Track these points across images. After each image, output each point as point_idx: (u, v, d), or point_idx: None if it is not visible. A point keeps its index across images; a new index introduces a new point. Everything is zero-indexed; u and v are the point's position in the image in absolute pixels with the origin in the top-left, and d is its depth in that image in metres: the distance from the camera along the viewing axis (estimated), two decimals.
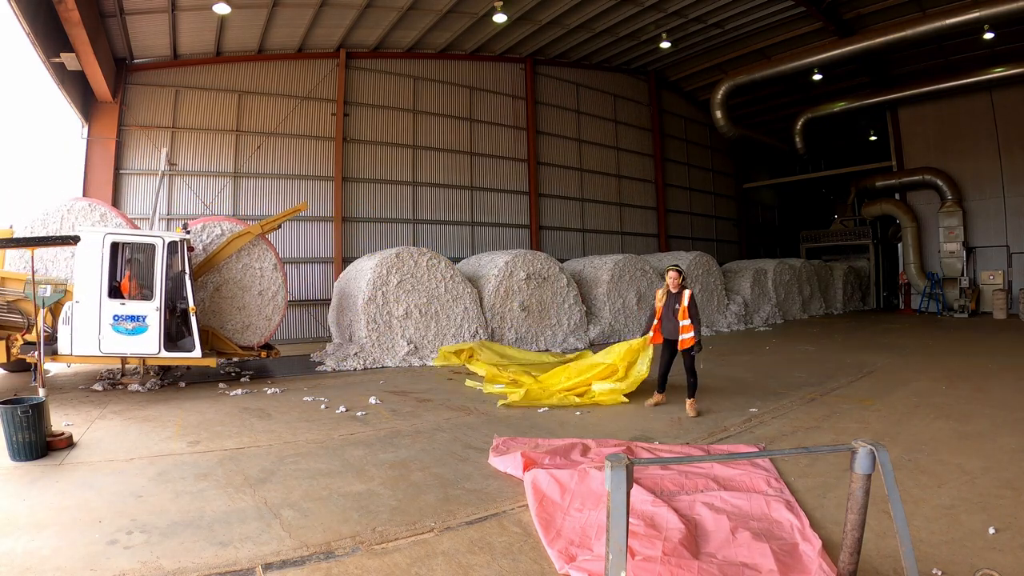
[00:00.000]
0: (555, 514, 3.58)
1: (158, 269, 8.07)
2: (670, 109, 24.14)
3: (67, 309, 7.85)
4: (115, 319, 7.81)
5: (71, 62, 10.49)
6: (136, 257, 8.36)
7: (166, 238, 8.20)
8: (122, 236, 8.20)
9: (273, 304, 10.14)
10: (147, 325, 7.95)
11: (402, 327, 10.98)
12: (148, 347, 7.98)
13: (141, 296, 8.08)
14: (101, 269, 7.77)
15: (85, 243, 7.66)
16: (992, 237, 20.60)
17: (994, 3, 14.45)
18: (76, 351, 7.74)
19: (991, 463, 4.59)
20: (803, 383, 8.30)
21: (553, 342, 12.87)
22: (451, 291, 11.56)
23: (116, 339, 7.85)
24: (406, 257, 11.23)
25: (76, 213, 9.36)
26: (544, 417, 6.53)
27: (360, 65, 16.17)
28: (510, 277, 12.42)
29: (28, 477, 4.50)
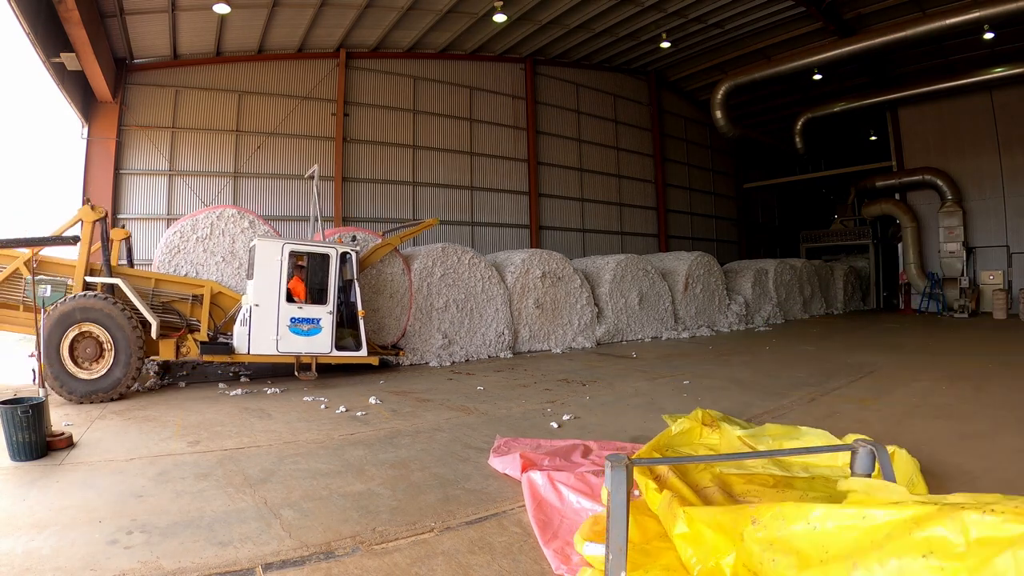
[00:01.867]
0: (552, 515, 3.59)
1: (331, 277, 8.80)
2: (670, 109, 24.15)
3: (244, 312, 8.43)
4: (292, 321, 8.51)
5: (71, 62, 10.49)
6: (305, 264, 8.91)
7: (339, 249, 8.96)
8: (299, 246, 8.81)
9: (401, 305, 10.89)
10: (321, 327, 8.68)
11: (439, 319, 11.33)
12: (322, 347, 8.71)
13: (314, 300, 8.76)
14: (281, 276, 8.42)
15: (264, 251, 8.44)
16: (992, 237, 20.60)
17: (994, 3, 14.46)
18: (254, 351, 8.34)
19: (991, 463, 4.59)
20: (803, 383, 8.30)
21: (563, 340, 13.06)
22: (486, 291, 11.98)
23: (292, 340, 8.54)
24: (451, 252, 11.69)
25: (226, 219, 10.10)
26: (545, 417, 6.53)
27: (360, 65, 16.18)
28: (526, 274, 12.68)
29: (28, 477, 4.50)
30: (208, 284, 9.14)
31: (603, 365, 10.45)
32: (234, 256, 10.14)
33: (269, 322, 8.35)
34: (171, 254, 9.84)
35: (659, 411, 6.77)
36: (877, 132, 25.77)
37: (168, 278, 9.09)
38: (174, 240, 9.91)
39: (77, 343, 7.51)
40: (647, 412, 6.74)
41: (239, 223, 10.16)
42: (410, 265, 11.18)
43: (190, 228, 9.93)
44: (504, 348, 12.08)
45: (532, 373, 9.65)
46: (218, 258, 9.99)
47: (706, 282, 16.52)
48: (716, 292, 16.84)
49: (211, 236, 9.98)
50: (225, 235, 10.06)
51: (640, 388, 8.18)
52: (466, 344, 11.63)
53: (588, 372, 9.65)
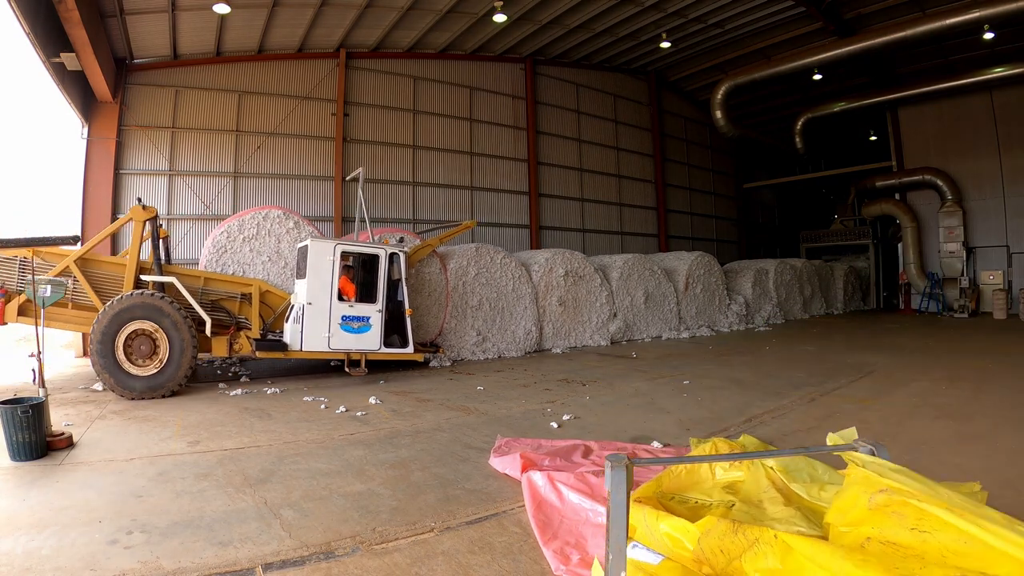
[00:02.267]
0: (552, 515, 3.58)
1: (381, 276, 9.16)
2: (670, 109, 24.14)
3: (297, 310, 8.73)
4: (343, 319, 8.85)
5: (71, 62, 10.47)
6: (351, 264, 9.24)
7: (388, 250, 9.33)
8: (351, 247, 9.16)
9: (439, 304, 11.24)
10: (371, 325, 9.05)
11: (473, 317, 11.75)
12: (371, 344, 9.09)
13: (363, 299, 9.10)
14: (333, 275, 8.74)
15: (317, 251, 8.74)
16: (992, 237, 20.60)
17: (994, 3, 14.45)
18: (306, 347, 8.65)
19: (992, 463, 4.59)
20: (803, 383, 8.30)
21: (582, 337, 13.47)
22: (516, 290, 12.40)
23: (344, 337, 8.87)
24: (484, 252, 12.12)
25: (271, 220, 10.43)
26: (545, 417, 6.53)
27: (360, 65, 16.17)
28: (550, 273, 13.05)
29: (28, 477, 4.50)
30: (256, 283, 9.39)
31: (603, 365, 10.45)
32: (279, 255, 10.49)
33: (321, 320, 8.66)
34: (218, 253, 10.16)
35: (659, 411, 6.78)
36: (877, 132, 25.77)
37: (217, 276, 9.31)
38: (221, 240, 10.20)
39: (131, 341, 7.75)
40: (647, 412, 6.74)
41: (284, 223, 10.53)
42: (447, 264, 11.54)
43: (237, 228, 10.25)
44: (532, 345, 12.53)
45: (532, 373, 9.65)
46: (264, 257, 10.36)
47: (706, 282, 16.59)
48: (716, 292, 16.90)
49: (257, 236, 10.33)
50: (271, 235, 10.43)
51: (640, 388, 8.18)
52: (498, 341, 12.04)
53: (588, 372, 9.65)
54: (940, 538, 2.12)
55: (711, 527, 2.51)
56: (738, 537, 2.39)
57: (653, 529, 2.70)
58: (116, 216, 13.08)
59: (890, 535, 2.25)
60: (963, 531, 2.06)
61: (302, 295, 8.81)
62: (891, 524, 2.27)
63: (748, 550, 2.35)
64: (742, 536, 2.39)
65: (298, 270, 9.48)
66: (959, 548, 2.06)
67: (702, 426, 6.05)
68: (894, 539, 2.23)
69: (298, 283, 9.27)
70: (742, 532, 2.40)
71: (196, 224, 13.85)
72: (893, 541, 2.23)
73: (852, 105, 21.52)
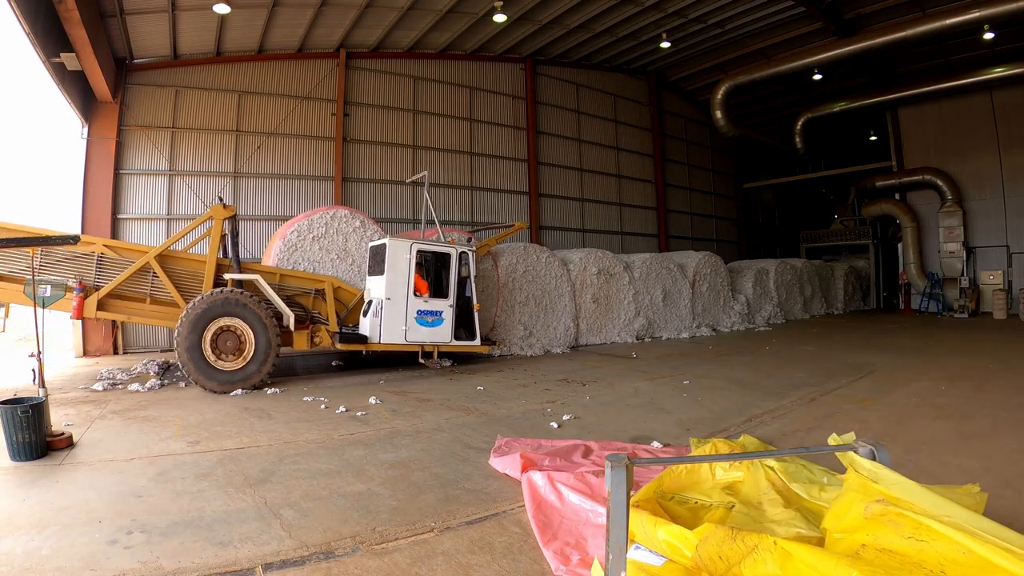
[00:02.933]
0: (552, 516, 3.58)
1: (452, 273, 9.72)
2: (670, 109, 24.14)
3: (376, 305, 9.20)
4: (419, 313, 9.39)
5: (71, 62, 10.47)
6: (423, 262, 9.71)
7: (458, 249, 9.88)
8: (426, 246, 9.64)
9: (491, 299, 11.81)
10: (443, 319, 9.61)
11: (520, 312, 12.36)
12: (443, 337, 9.66)
13: (435, 295, 9.65)
14: (409, 272, 9.27)
15: (395, 250, 9.25)
16: (992, 237, 20.60)
17: (994, 3, 14.45)
18: (384, 340, 9.17)
19: (992, 463, 4.59)
20: (803, 383, 8.30)
21: (611, 334, 14.01)
22: (558, 288, 12.99)
23: (418, 330, 9.44)
24: (531, 251, 12.75)
25: (339, 219, 10.90)
26: (545, 417, 6.53)
27: (360, 65, 16.17)
28: (584, 271, 13.59)
29: (28, 477, 4.50)
30: (329, 279, 9.79)
31: (603, 365, 10.45)
32: (347, 253, 10.97)
33: (399, 314, 9.21)
34: (289, 252, 10.52)
35: (659, 411, 6.78)
36: (877, 132, 25.77)
37: (292, 273, 9.70)
38: (292, 239, 10.60)
39: (217, 337, 8.08)
40: (647, 412, 6.74)
41: (351, 223, 11.01)
42: (498, 262, 12.11)
43: (306, 228, 10.68)
44: (570, 340, 13.11)
45: (532, 373, 9.65)
46: (332, 255, 10.80)
47: (712, 281, 16.83)
48: (721, 291, 17.12)
49: (326, 235, 10.77)
50: (339, 234, 10.89)
51: (640, 388, 8.18)
52: (541, 336, 12.64)
53: (588, 372, 9.65)
54: (938, 547, 2.12)
55: (709, 534, 2.50)
56: (737, 544, 2.38)
57: (651, 536, 2.70)
58: (116, 216, 13.10)
59: (885, 543, 2.26)
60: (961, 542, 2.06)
61: (379, 290, 9.27)
62: (887, 532, 2.28)
63: (747, 556, 2.34)
64: (741, 543, 2.38)
65: (371, 267, 9.96)
66: (958, 558, 2.06)
67: (702, 426, 6.05)
68: (890, 547, 2.24)
69: (372, 279, 9.71)
70: (741, 539, 2.39)
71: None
72: (889, 549, 2.24)
73: (852, 105, 21.52)
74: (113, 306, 8.43)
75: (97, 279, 8.37)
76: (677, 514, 3.11)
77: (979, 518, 2.19)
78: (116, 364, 10.80)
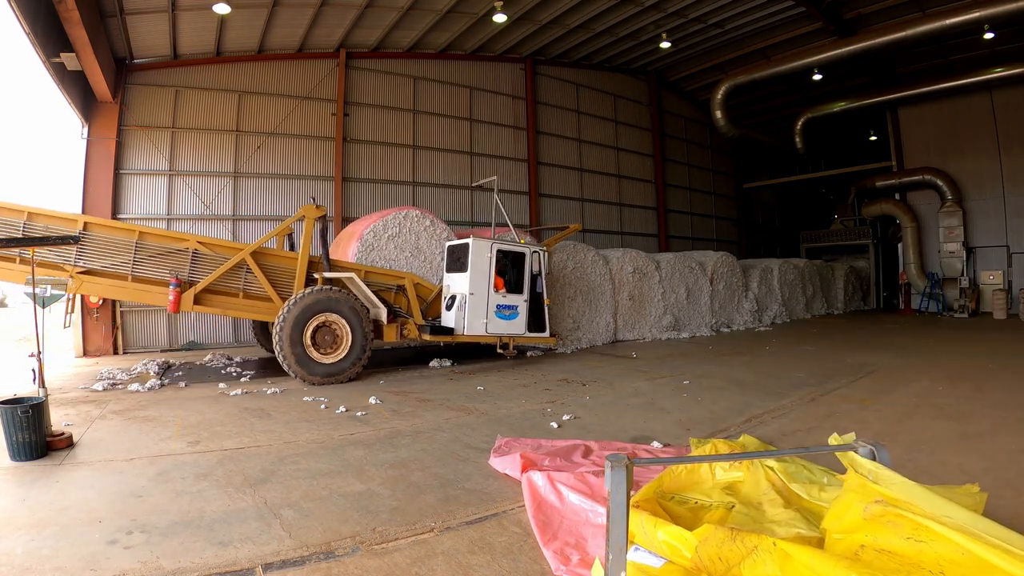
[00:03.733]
0: (552, 516, 3.58)
1: (526, 271, 10.47)
2: (670, 109, 24.13)
3: (460, 299, 9.89)
4: (498, 307, 10.14)
5: (71, 62, 10.47)
6: (499, 260, 10.32)
7: (532, 248, 10.65)
8: (504, 246, 10.35)
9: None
10: (518, 312, 10.39)
11: (569, 307, 13.10)
12: (519, 329, 10.42)
13: (511, 290, 10.37)
14: (490, 270, 10.01)
15: (478, 249, 9.93)
16: (992, 237, 20.60)
17: (994, 3, 14.44)
18: (467, 332, 9.85)
19: (991, 463, 4.59)
20: (803, 383, 8.30)
21: (643, 331, 14.62)
22: (601, 285, 13.70)
23: (497, 323, 10.15)
24: (579, 250, 13.42)
25: (411, 219, 11.60)
26: (545, 417, 6.53)
27: (360, 65, 16.17)
28: (621, 270, 14.22)
29: (28, 477, 4.50)
30: (408, 276, 10.40)
31: (603, 365, 10.45)
32: (419, 251, 11.63)
33: (481, 308, 9.93)
34: (366, 251, 11.10)
35: (659, 411, 6.78)
36: (877, 132, 25.76)
37: (375, 270, 10.23)
38: (369, 239, 11.21)
39: (316, 332, 8.62)
40: (647, 412, 6.74)
41: (422, 222, 11.67)
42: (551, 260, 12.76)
43: (382, 228, 11.31)
44: (610, 335, 13.82)
45: (532, 373, 9.65)
46: (406, 253, 11.47)
47: (728, 280, 17.29)
48: (736, 290, 17.55)
49: (400, 234, 11.44)
50: (411, 233, 11.55)
51: (640, 388, 8.18)
52: (586, 331, 13.33)
53: (588, 372, 9.65)
54: (937, 548, 2.12)
55: (709, 535, 2.49)
56: (736, 545, 2.38)
57: (651, 537, 2.70)
58: (116, 216, 13.09)
59: (884, 543, 2.26)
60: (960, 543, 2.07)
61: (462, 286, 9.98)
62: (886, 533, 2.28)
63: (747, 558, 2.33)
64: (740, 544, 2.37)
65: (449, 264, 10.73)
66: (957, 558, 2.06)
67: (702, 426, 6.05)
68: (888, 547, 2.24)
69: (452, 276, 10.49)
70: (740, 540, 2.38)
71: (196, 224, 13.85)
72: (888, 549, 2.24)
73: (852, 105, 21.52)
74: (209, 300, 8.84)
75: (191, 274, 8.77)
76: (677, 514, 3.11)
77: (978, 518, 2.19)
78: (116, 364, 10.81)
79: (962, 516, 2.20)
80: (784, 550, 2.26)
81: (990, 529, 2.10)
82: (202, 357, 11.79)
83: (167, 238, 8.93)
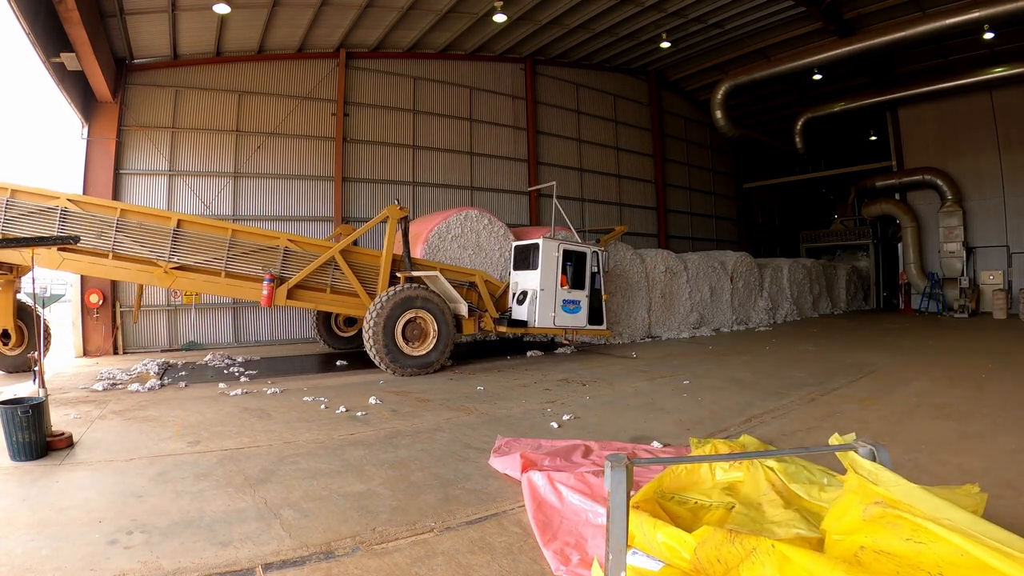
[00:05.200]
0: (552, 516, 3.58)
1: (587, 269, 11.28)
2: (670, 109, 24.14)
3: (531, 295, 10.64)
4: (564, 302, 10.90)
5: (71, 62, 10.47)
6: (564, 258, 11.02)
7: (591, 248, 11.47)
8: (570, 246, 11.10)
9: None
10: (581, 307, 11.21)
11: (610, 302, 13.46)
12: (581, 322, 11.24)
13: (574, 287, 11.10)
14: (558, 268, 10.80)
15: (547, 249, 10.69)
16: (992, 237, 20.60)
17: (994, 3, 14.45)
18: (539, 324, 10.64)
19: (991, 463, 4.59)
20: (803, 383, 8.30)
21: (673, 328, 15.24)
22: (637, 283, 14.47)
23: (564, 316, 10.95)
24: (619, 249, 14.17)
25: (472, 220, 12.37)
26: (545, 417, 6.53)
27: (360, 65, 16.17)
28: (655, 269, 14.95)
29: (28, 477, 4.50)
30: (478, 273, 10.97)
31: (603, 365, 10.45)
32: (480, 249, 12.39)
33: (549, 302, 10.70)
34: (432, 253, 11.78)
35: (659, 411, 6.78)
36: (877, 132, 25.77)
37: (449, 268, 10.74)
38: (434, 240, 11.89)
39: (406, 327, 9.15)
40: (647, 412, 6.74)
41: (480, 221, 12.42)
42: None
43: (445, 229, 12.03)
44: (645, 331, 14.54)
45: (532, 373, 9.65)
46: (469, 252, 12.22)
47: (747, 279, 17.77)
48: (753, 289, 17.98)
49: (462, 234, 12.18)
50: (472, 232, 12.29)
51: (640, 388, 8.18)
52: (625, 327, 14.07)
53: (588, 372, 9.65)
54: (936, 549, 2.12)
55: (708, 536, 2.48)
56: (735, 547, 2.36)
57: (651, 538, 2.69)
58: None
59: (883, 544, 2.26)
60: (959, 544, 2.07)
61: (532, 283, 10.73)
62: (885, 534, 2.28)
63: (745, 560, 2.33)
64: (739, 545, 2.36)
65: (517, 262, 11.49)
66: (956, 560, 2.06)
67: (702, 426, 6.05)
68: (888, 548, 2.24)
69: (520, 273, 11.25)
70: (739, 541, 2.37)
71: None
72: (887, 551, 2.24)
73: (852, 105, 21.53)
74: (300, 295, 9.32)
75: (283, 271, 9.26)
76: (677, 514, 3.10)
77: (977, 520, 2.19)
78: (116, 364, 10.81)
79: (961, 518, 2.20)
80: (783, 552, 2.26)
81: (989, 531, 2.10)
82: (202, 357, 11.80)
83: (259, 236, 9.37)
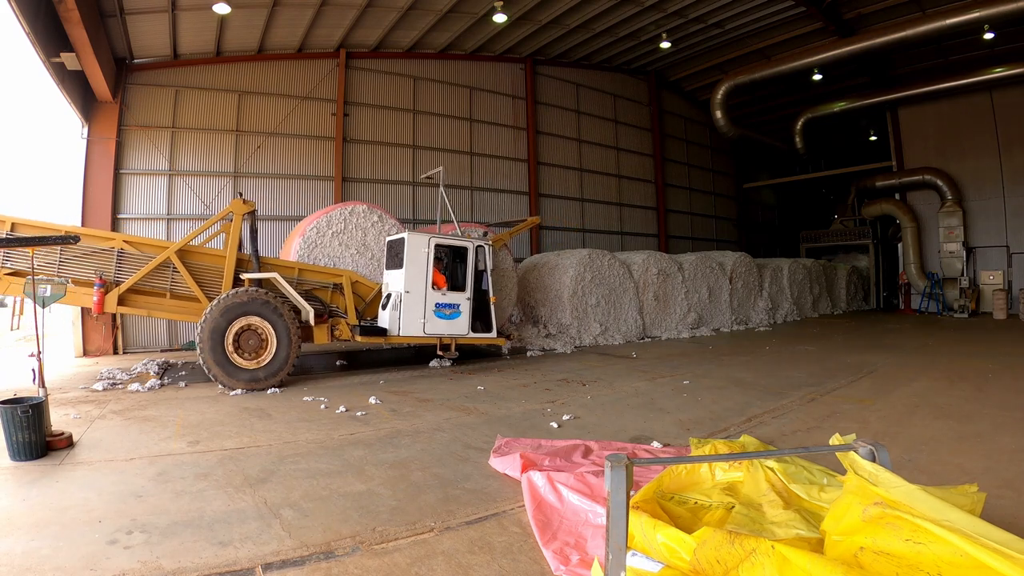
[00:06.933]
0: (552, 516, 3.58)
1: (469, 267, 9.81)
2: (670, 109, 24.14)
3: (395, 298, 9.34)
4: (437, 306, 9.53)
5: (71, 62, 10.47)
6: (441, 256, 9.91)
7: (475, 243, 9.97)
8: (443, 240, 9.78)
9: (507, 294, 12.38)
10: (460, 312, 9.74)
11: (594, 312, 13.78)
12: (461, 329, 9.78)
13: (452, 288, 9.78)
14: (428, 266, 9.40)
15: (414, 243, 9.33)
16: (992, 237, 20.61)
17: (994, 3, 14.45)
18: (403, 333, 9.30)
19: (991, 463, 4.59)
20: (803, 383, 8.30)
21: (670, 329, 15.21)
22: (621, 285, 14.36)
23: (436, 323, 9.55)
24: (595, 257, 13.94)
25: (358, 215, 11.25)
26: (545, 417, 6.53)
27: (360, 65, 16.17)
28: (647, 272, 14.92)
29: (28, 477, 4.50)
30: (347, 273, 9.86)
31: (603, 365, 10.44)
32: (366, 247, 11.28)
33: (417, 307, 9.34)
34: (309, 248, 10.76)
35: (659, 411, 6.78)
36: (877, 132, 25.78)
37: (310, 268, 9.75)
38: (311, 235, 10.87)
39: (239, 336, 8.14)
40: (647, 412, 6.74)
41: (369, 218, 11.34)
42: (565, 273, 13.54)
43: (326, 224, 10.92)
44: (638, 333, 14.45)
45: (532, 373, 9.65)
46: (352, 250, 11.13)
47: (746, 279, 17.78)
48: (752, 290, 17.99)
49: (345, 231, 11.08)
50: (358, 229, 11.19)
51: (640, 388, 8.18)
52: (614, 331, 13.97)
53: (588, 372, 9.65)
54: (935, 550, 2.12)
55: (707, 537, 2.48)
56: (735, 548, 2.36)
57: (650, 539, 2.70)
58: (116, 216, 13.09)
59: (883, 545, 2.26)
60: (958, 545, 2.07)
61: (398, 284, 9.41)
62: (885, 535, 2.28)
63: (745, 561, 2.33)
64: (739, 547, 2.36)
65: (389, 261, 10.17)
66: (955, 560, 2.06)
67: (702, 426, 6.05)
68: (887, 549, 2.24)
69: (391, 273, 9.92)
70: (739, 542, 2.37)
71: (196, 224, 13.83)
72: (887, 551, 2.24)
73: (852, 105, 21.53)
74: (134, 301, 8.49)
75: (117, 274, 8.43)
76: (677, 514, 3.10)
77: (977, 521, 2.19)
78: (116, 364, 10.81)
79: (961, 519, 2.20)
80: (782, 553, 2.26)
81: (988, 532, 2.11)
82: None
83: (92, 237, 8.49)
